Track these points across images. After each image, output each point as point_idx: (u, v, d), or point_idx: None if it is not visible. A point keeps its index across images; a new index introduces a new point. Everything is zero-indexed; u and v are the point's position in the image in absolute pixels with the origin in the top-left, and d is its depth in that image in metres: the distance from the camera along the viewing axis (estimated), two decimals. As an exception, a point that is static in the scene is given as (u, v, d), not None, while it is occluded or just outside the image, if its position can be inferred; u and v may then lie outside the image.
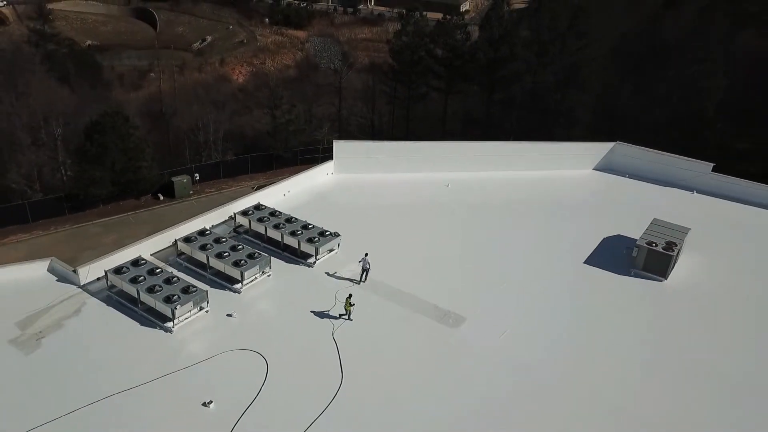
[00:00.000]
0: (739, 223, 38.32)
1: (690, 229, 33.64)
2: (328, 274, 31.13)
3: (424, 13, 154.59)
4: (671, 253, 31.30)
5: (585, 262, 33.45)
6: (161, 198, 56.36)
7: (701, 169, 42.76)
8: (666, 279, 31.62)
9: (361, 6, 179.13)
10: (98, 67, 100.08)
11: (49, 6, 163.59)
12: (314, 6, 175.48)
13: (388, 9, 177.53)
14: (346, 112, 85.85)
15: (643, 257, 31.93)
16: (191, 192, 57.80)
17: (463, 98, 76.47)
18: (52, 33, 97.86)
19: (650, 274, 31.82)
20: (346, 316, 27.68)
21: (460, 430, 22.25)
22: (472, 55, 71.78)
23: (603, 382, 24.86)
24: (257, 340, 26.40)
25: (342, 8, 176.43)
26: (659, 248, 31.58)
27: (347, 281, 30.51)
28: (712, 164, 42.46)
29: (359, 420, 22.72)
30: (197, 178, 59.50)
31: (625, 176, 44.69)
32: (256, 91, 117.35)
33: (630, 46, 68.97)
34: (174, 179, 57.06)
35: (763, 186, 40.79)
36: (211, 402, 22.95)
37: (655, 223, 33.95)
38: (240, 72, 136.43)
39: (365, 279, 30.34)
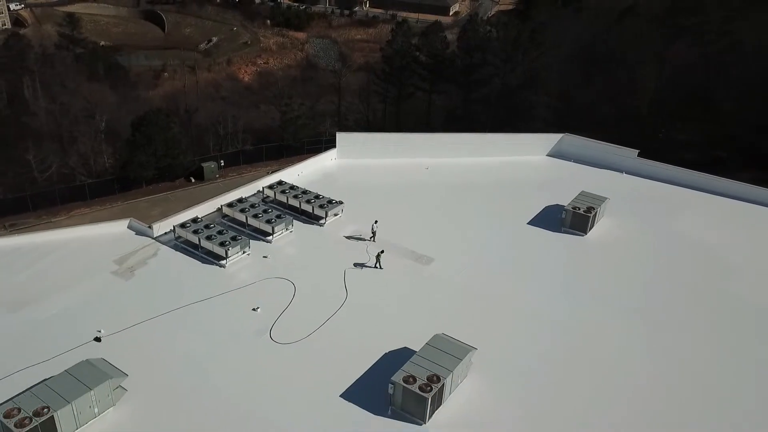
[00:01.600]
0: (652, 196, 49.28)
1: (608, 198, 44.56)
2: (346, 237, 41.33)
3: (416, 19, 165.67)
4: (589, 215, 42.25)
5: (528, 223, 44.34)
6: (192, 180, 66.70)
7: (628, 154, 53.76)
8: (586, 234, 42.55)
9: (356, 8, 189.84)
10: (122, 68, 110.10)
11: (62, 9, 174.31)
12: (312, 8, 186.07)
13: (382, 11, 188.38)
14: (345, 108, 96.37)
15: (570, 218, 42.86)
16: (217, 176, 68.18)
17: (445, 97, 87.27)
18: (80, 38, 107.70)
19: (575, 231, 42.76)
20: (378, 266, 37.80)
21: (426, 332, 32.86)
22: (451, 61, 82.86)
23: (536, 299, 35.63)
24: (286, 272, 37.12)
25: (339, 10, 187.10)
26: (581, 211, 42.54)
27: (354, 238, 41.04)
28: (638, 150, 53.44)
29: (356, 322, 33.28)
30: (222, 164, 69.89)
31: (571, 161, 55.56)
32: (261, 88, 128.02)
33: (585, 54, 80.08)
34: (203, 165, 67.40)
35: (674, 167, 51.75)
36: (258, 308, 33.67)
37: (582, 194, 44.87)
38: (246, 71, 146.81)
39: (374, 239, 40.70)
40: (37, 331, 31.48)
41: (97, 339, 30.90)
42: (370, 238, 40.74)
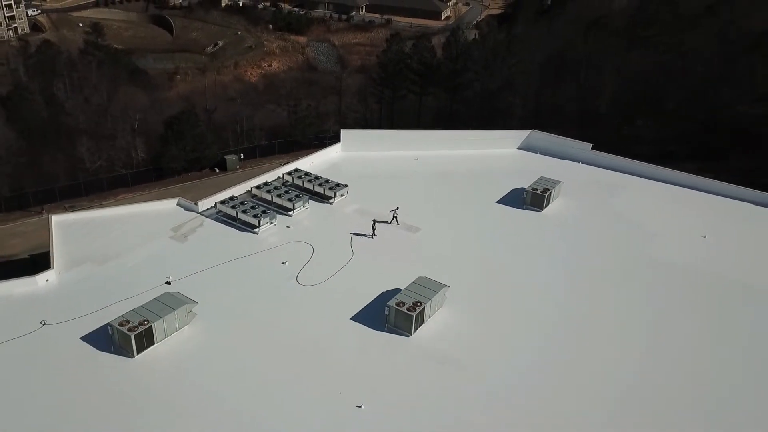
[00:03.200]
0: (600, 181, 60.07)
1: (561, 182, 55.37)
2: (373, 220, 51.75)
3: (410, 23, 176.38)
4: (545, 195, 53.07)
5: (497, 202, 55.09)
6: (217, 171, 77.08)
7: (584, 147, 64.55)
8: (542, 210, 53.34)
9: (353, 13, 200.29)
10: (143, 71, 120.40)
11: (76, 14, 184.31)
12: (312, 13, 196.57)
13: (377, 15, 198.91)
14: (345, 108, 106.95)
15: (529, 197, 53.67)
16: (237, 167, 78.45)
17: (433, 98, 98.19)
18: (104, 44, 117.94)
19: (533, 207, 53.52)
20: (373, 233, 48.20)
21: (412, 277, 43.25)
22: (438, 68, 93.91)
23: (499, 256, 46.30)
24: (305, 237, 47.76)
25: (337, 15, 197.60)
26: (538, 192, 53.36)
27: (380, 222, 51.59)
28: (591, 144, 64.25)
29: (360, 271, 43.81)
30: (242, 156, 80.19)
31: (537, 153, 66.34)
32: (267, 90, 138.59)
33: (556, 60, 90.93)
34: (226, 157, 77.77)
35: (621, 158, 62.52)
36: (286, 262, 44.32)
37: (541, 178, 55.69)
38: (252, 74, 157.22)
39: (396, 221, 50.56)
40: (122, 277, 42.08)
41: (168, 282, 41.46)
42: (392, 220, 50.47)
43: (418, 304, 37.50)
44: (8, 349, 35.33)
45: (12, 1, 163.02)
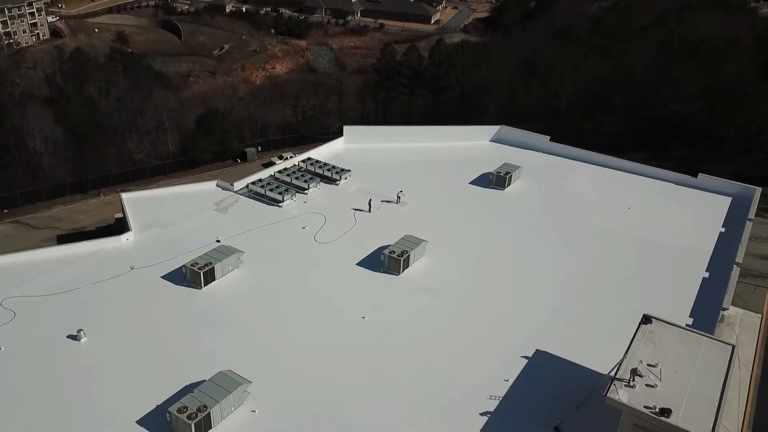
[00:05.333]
0: (554, 166, 74.17)
1: (521, 167, 69.56)
2: (382, 201, 65.90)
3: (402, 27, 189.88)
4: (506, 176, 67.21)
5: (469, 183, 69.15)
6: (239, 161, 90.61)
7: (543, 140, 78.71)
8: (504, 189, 67.44)
9: (349, 18, 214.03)
10: (164, 75, 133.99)
11: (92, 20, 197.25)
12: (310, 18, 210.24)
13: (372, 20, 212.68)
14: (344, 107, 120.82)
15: (495, 179, 67.81)
16: (256, 158, 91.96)
17: (420, 99, 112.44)
18: (128, 51, 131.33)
19: (497, 187, 67.63)
20: (369, 208, 62.26)
21: (404, 237, 56.99)
22: (424, 73, 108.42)
23: (470, 221, 60.36)
24: (318, 209, 61.67)
25: (334, 20, 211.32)
26: (501, 174, 67.49)
27: (386, 201, 65.58)
28: (549, 137, 78.39)
29: (362, 233, 57.63)
30: (259, 149, 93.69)
31: (506, 145, 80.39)
32: (271, 90, 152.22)
33: (526, 64, 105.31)
34: (246, 150, 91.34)
35: (573, 147, 76.63)
36: (305, 227, 58.26)
37: (504, 164, 69.84)
38: (257, 75, 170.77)
39: (399, 202, 64.56)
40: (183, 237, 55.85)
41: (218, 241, 55.29)
42: (398, 200, 64.37)
43: (405, 252, 51.58)
44: (109, 284, 49.17)
45: (35, 9, 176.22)
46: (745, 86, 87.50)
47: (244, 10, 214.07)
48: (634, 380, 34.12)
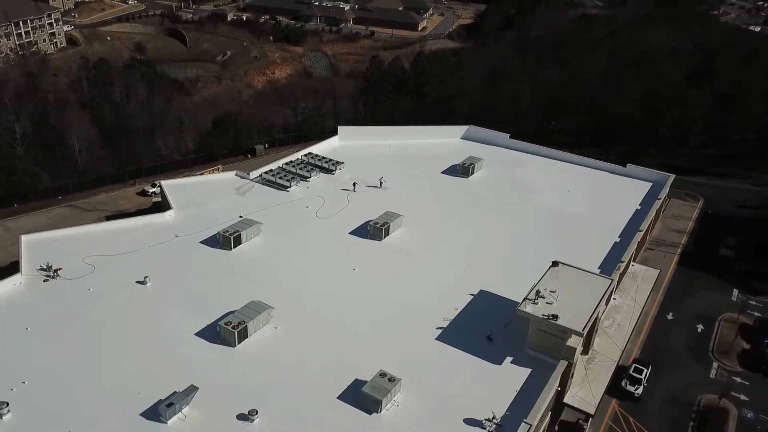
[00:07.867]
0: (511, 159, 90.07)
1: (482, 159, 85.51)
2: (366, 185, 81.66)
3: (390, 34, 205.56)
4: (470, 167, 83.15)
5: (441, 173, 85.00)
6: (249, 156, 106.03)
7: (504, 137, 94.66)
8: (468, 177, 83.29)
9: (342, 25, 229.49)
10: (178, 81, 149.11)
11: (104, 29, 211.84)
12: (306, 26, 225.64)
13: (363, 27, 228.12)
14: (338, 109, 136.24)
15: (461, 169, 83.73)
16: (264, 153, 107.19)
17: (404, 103, 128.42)
18: (145, 59, 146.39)
19: (463, 175, 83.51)
20: (354, 189, 77.94)
21: (385, 213, 72.49)
22: (406, 81, 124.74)
23: (440, 202, 76.17)
24: (319, 193, 77.27)
25: (328, 28, 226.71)
26: (466, 165, 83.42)
27: (372, 186, 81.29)
28: (509, 134, 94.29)
29: (353, 211, 73.10)
30: (266, 146, 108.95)
31: (473, 141, 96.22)
32: (271, 94, 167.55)
33: (492, 74, 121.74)
34: (255, 146, 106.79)
35: (529, 143, 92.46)
36: (308, 206, 73.87)
37: (469, 157, 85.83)
38: (258, 80, 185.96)
39: (381, 187, 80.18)
40: (212, 214, 71.29)
41: (240, 217, 70.70)
42: (380, 185, 79.97)
43: (385, 224, 67.40)
44: (161, 247, 64.65)
45: (53, 20, 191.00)
46: (676, 92, 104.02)
47: (244, 19, 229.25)
48: (536, 300, 50.00)
